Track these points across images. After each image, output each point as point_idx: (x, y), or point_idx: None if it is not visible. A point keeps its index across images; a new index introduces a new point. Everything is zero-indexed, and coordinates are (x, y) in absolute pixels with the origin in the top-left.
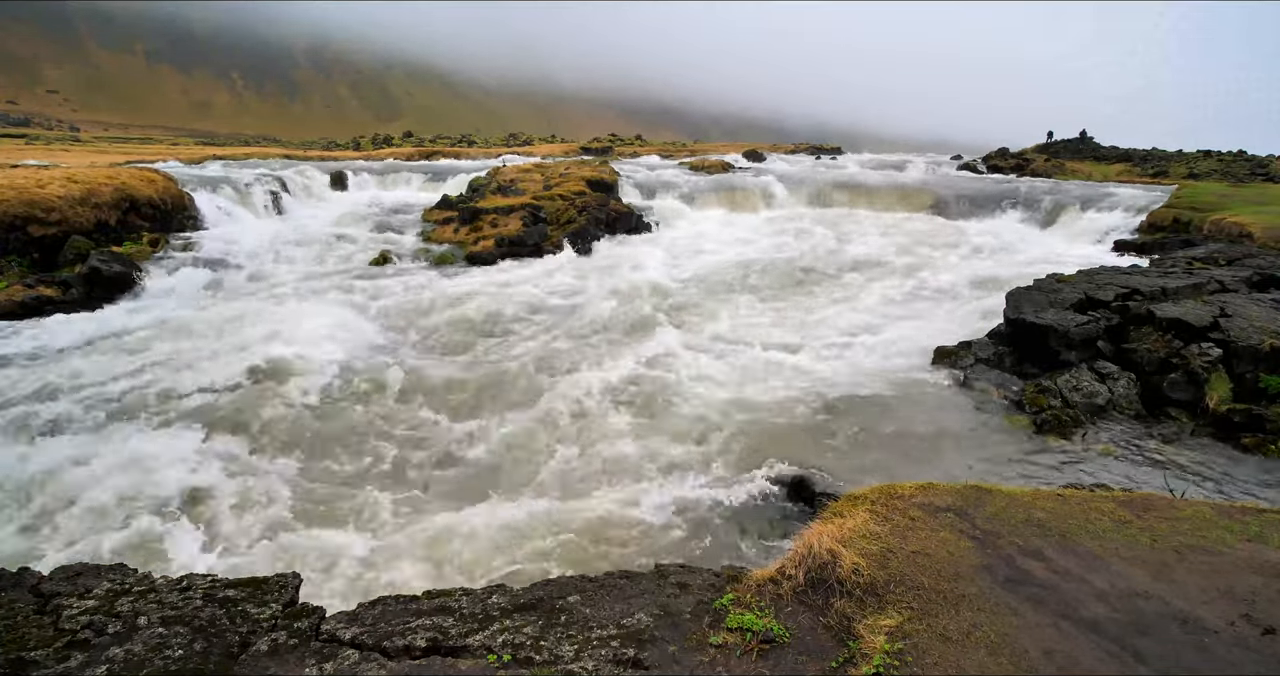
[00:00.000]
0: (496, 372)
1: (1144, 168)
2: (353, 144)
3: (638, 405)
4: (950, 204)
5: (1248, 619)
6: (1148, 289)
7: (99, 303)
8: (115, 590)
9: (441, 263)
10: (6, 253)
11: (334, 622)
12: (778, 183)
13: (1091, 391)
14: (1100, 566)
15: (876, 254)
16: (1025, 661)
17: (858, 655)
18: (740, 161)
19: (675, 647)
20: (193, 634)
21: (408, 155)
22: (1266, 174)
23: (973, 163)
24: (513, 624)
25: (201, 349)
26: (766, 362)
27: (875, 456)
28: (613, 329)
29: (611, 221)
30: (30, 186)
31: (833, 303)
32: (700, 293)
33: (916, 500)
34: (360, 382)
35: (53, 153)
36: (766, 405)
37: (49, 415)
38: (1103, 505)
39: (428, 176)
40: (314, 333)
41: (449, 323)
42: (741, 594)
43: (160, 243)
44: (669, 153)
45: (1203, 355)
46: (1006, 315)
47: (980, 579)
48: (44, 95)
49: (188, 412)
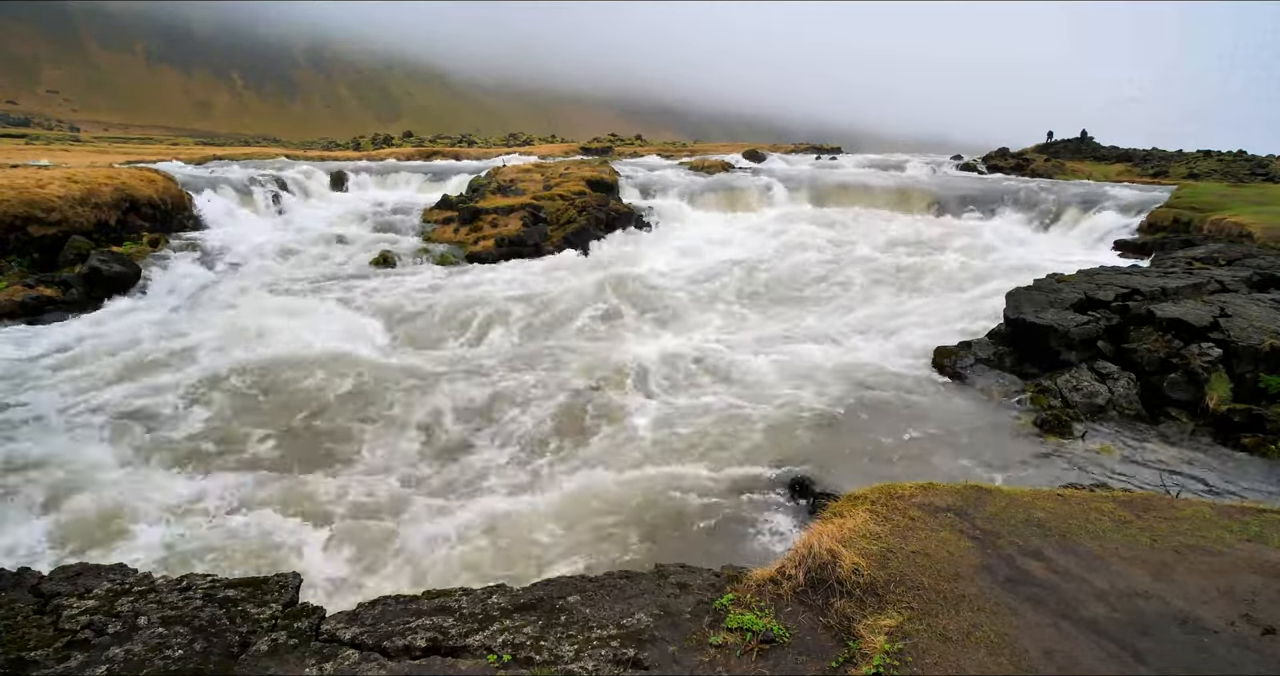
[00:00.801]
0: (492, 371)
1: (1144, 168)
2: (353, 144)
3: (632, 406)
4: (950, 204)
5: (1248, 619)
6: (1148, 289)
7: (99, 302)
8: (115, 590)
9: (442, 263)
10: (6, 253)
11: (334, 622)
12: (778, 183)
13: (1091, 391)
14: (1100, 566)
15: (876, 254)
16: (1025, 661)
17: (858, 655)
18: (740, 161)
19: (675, 647)
20: (193, 634)
21: (408, 155)
22: (1266, 174)
23: (973, 163)
24: (513, 624)
25: (201, 348)
26: (766, 362)
27: (875, 456)
28: (610, 328)
29: (611, 221)
30: (30, 186)
31: (832, 303)
32: (699, 292)
33: (916, 500)
34: (360, 382)
35: (53, 153)
36: (766, 405)
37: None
38: (1103, 505)
39: (428, 176)
40: (314, 332)
41: (449, 321)
42: (741, 594)
43: (160, 243)
44: (669, 153)
45: (1203, 355)
46: (1006, 315)
47: (980, 579)
48: (44, 95)
49: (189, 411)
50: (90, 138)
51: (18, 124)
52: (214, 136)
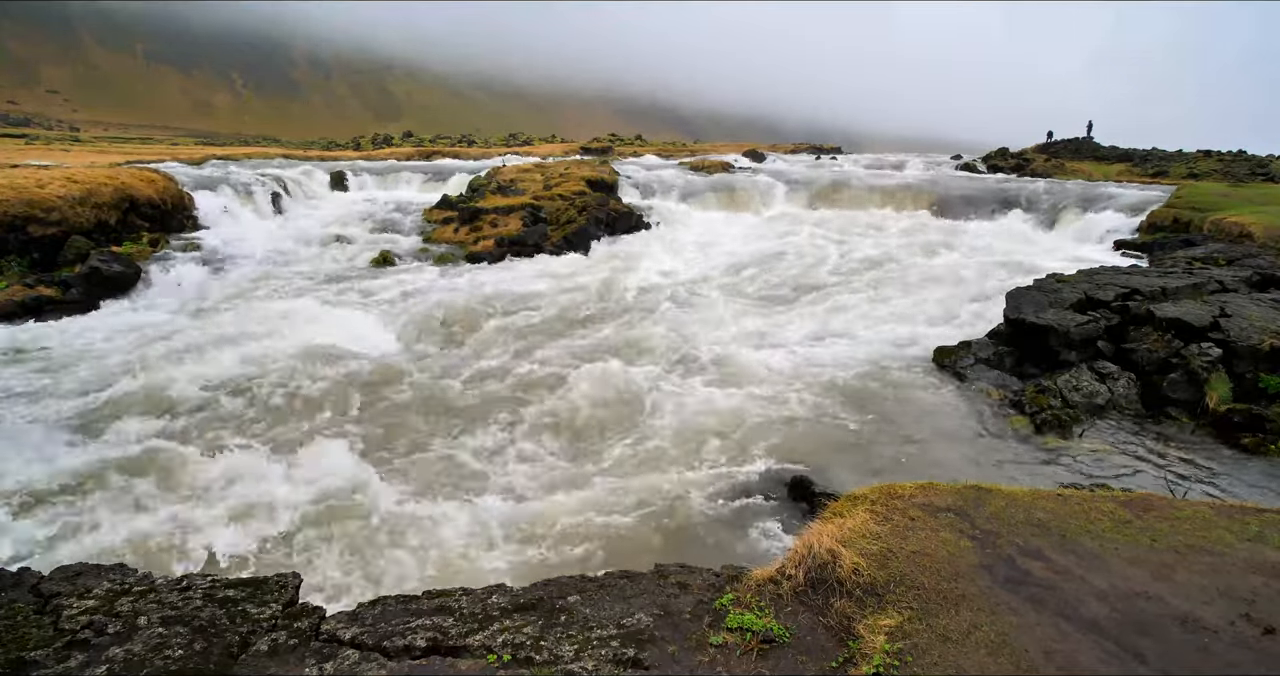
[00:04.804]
0: (487, 370)
1: (1144, 168)
2: (353, 144)
3: (633, 406)
4: (950, 204)
5: (1248, 619)
6: (1148, 289)
7: (99, 302)
8: (115, 590)
9: (442, 262)
10: (6, 253)
11: (334, 622)
12: (777, 183)
13: (1091, 391)
14: (1100, 566)
15: (876, 254)
16: (1025, 661)
17: (858, 655)
18: (740, 161)
19: (675, 647)
20: (193, 634)
21: (407, 155)
22: (1266, 174)
23: (973, 162)
24: (513, 624)
25: (201, 348)
26: (766, 362)
27: (875, 456)
28: (608, 328)
29: (611, 221)
30: (30, 186)
31: (832, 303)
32: (699, 291)
33: (916, 500)
34: (360, 381)
35: (53, 153)
36: (766, 405)
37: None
38: (1103, 505)
39: (427, 176)
40: (315, 331)
41: (449, 321)
42: (741, 594)
43: (160, 242)
44: (669, 153)
45: (1203, 355)
46: (1006, 315)
47: (980, 579)
48: (44, 95)
49: (186, 410)
50: (90, 138)
51: (18, 124)
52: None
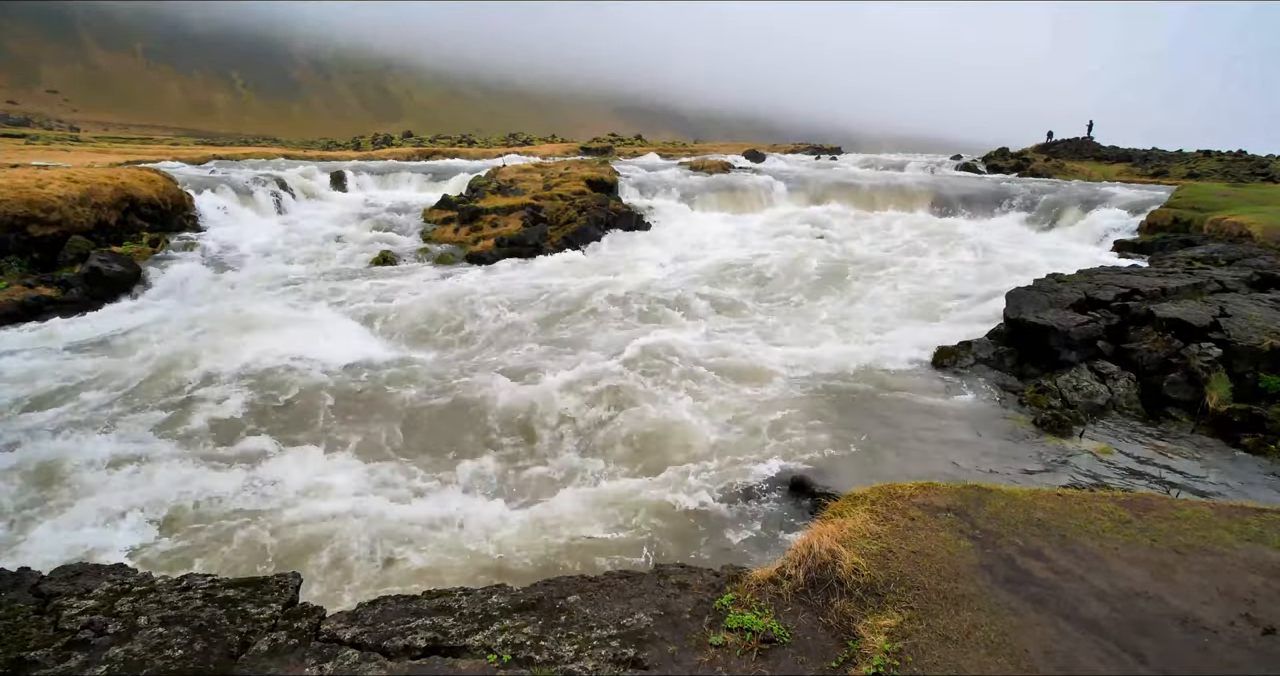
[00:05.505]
0: (484, 370)
1: (1144, 168)
2: (353, 144)
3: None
4: (950, 204)
5: (1248, 619)
6: (1148, 289)
7: (99, 303)
8: (115, 590)
9: (442, 262)
10: (6, 253)
11: (334, 622)
12: (777, 183)
13: (1091, 391)
14: (1100, 566)
15: (876, 254)
16: (1025, 661)
17: (858, 655)
18: (740, 161)
19: (675, 647)
20: (193, 634)
21: (408, 155)
22: (1266, 174)
23: (973, 163)
24: (513, 624)
25: (201, 348)
26: (765, 362)
27: (875, 456)
28: (608, 327)
29: (611, 221)
30: (30, 186)
31: (831, 303)
32: (698, 291)
33: (916, 500)
34: (360, 381)
35: (53, 152)
36: (765, 405)
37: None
38: (1103, 505)
39: (428, 176)
40: (315, 331)
41: (448, 321)
42: (741, 594)
43: (160, 243)
44: (669, 153)
45: (1203, 355)
46: (1006, 315)
47: (980, 579)
48: (44, 95)
49: (187, 408)
50: (90, 137)
51: (18, 124)
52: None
